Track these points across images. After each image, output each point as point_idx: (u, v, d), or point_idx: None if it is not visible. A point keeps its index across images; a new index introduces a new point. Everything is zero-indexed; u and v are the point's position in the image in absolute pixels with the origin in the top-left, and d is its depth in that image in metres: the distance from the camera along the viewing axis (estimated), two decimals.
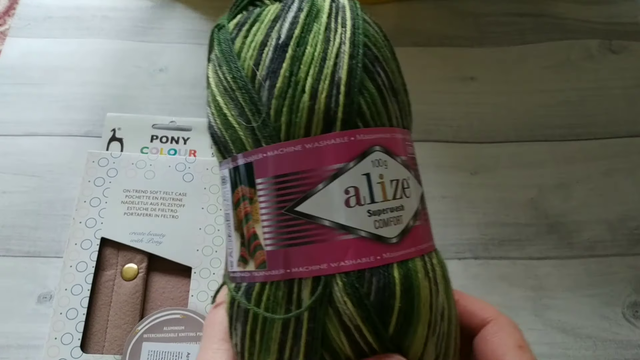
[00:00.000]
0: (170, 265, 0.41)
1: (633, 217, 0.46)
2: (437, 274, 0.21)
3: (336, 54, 0.20)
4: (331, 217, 0.20)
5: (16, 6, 0.55)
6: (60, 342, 0.37)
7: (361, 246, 0.19)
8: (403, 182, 0.21)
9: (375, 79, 0.21)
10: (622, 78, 0.53)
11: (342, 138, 0.20)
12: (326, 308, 0.19)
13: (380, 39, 0.22)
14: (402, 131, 0.22)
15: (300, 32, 0.21)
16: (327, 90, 0.20)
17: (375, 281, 0.19)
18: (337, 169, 0.20)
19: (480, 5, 0.58)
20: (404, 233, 0.20)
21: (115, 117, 0.47)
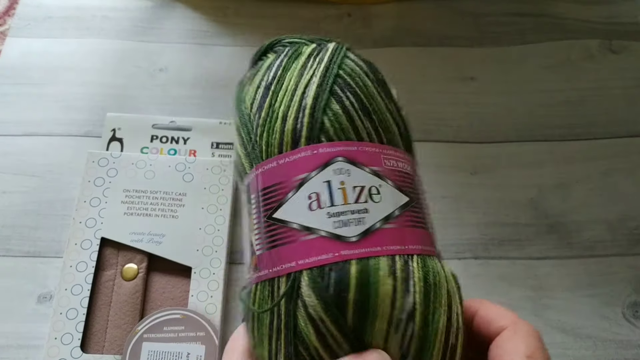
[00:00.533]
0: (170, 265, 0.41)
1: (633, 217, 0.46)
2: (414, 276, 0.22)
3: (306, 85, 0.25)
4: (298, 220, 0.23)
5: (16, 6, 0.55)
6: (60, 342, 0.37)
7: (322, 244, 0.22)
8: (371, 188, 0.23)
9: (342, 101, 0.25)
10: (622, 78, 0.53)
11: (306, 152, 0.24)
12: (296, 302, 0.22)
13: (360, 71, 0.26)
14: (378, 146, 0.25)
15: (281, 72, 0.26)
16: (295, 114, 0.24)
17: (333, 275, 0.22)
18: (302, 178, 0.23)
19: (480, 5, 0.58)
20: (366, 233, 0.22)
21: (115, 117, 0.47)
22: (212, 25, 0.55)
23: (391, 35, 0.56)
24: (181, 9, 0.56)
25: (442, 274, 0.23)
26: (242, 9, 0.56)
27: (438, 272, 0.23)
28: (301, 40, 0.28)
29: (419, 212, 0.25)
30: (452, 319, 0.23)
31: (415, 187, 0.25)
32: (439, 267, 0.24)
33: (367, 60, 0.28)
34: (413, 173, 0.26)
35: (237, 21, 0.56)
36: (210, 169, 0.44)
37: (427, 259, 0.23)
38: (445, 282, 0.23)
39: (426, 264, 0.23)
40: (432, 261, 0.24)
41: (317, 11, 0.56)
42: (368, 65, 0.27)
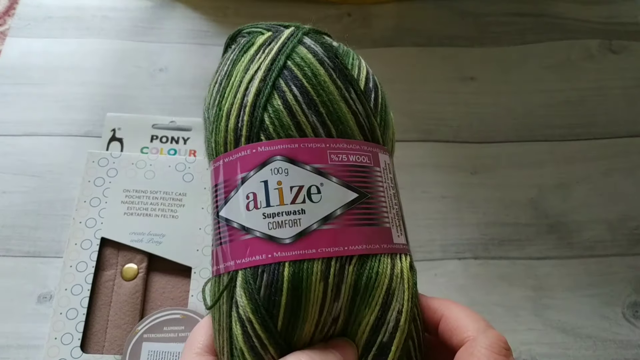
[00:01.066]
0: (170, 265, 0.41)
1: (633, 217, 0.46)
2: (346, 282, 0.22)
3: (249, 80, 0.24)
4: (237, 220, 0.23)
5: (16, 6, 0.55)
6: (60, 342, 0.37)
7: (257, 245, 0.22)
8: (310, 188, 0.23)
9: (285, 96, 0.24)
10: (622, 78, 0.53)
11: (246, 151, 0.23)
12: (231, 301, 0.22)
13: (313, 59, 0.25)
14: (325, 140, 0.24)
15: (231, 67, 0.25)
16: (237, 112, 0.24)
17: (265, 277, 0.22)
18: (242, 177, 0.23)
19: (480, 5, 0.58)
20: (300, 235, 0.22)
21: (115, 117, 0.47)
22: (212, 25, 0.55)
23: (391, 35, 0.56)
24: (181, 9, 0.56)
25: (385, 272, 0.23)
26: (242, 9, 0.56)
27: (377, 271, 0.22)
28: (258, 29, 0.27)
29: (370, 207, 0.24)
30: (388, 318, 0.22)
31: (371, 180, 0.24)
32: (383, 265, 0.23)
33: (328, 44, 0.26)
34: (373, 164, 0.25)
35: (237, 21, 0.56)
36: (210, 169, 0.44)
37: (370, 258, 0.23)
38: (387, 280, 0.22)
39: (364, 265, 0.22)
40: (375, 260, 0.23)
41: (317, 11, 0.56)
42: (326, 50, 0.25)
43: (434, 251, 0.44)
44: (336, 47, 0.26)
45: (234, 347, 0.22)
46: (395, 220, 0.25)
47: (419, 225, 0.45)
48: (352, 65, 0.26)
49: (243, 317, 0.22)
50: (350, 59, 0.26)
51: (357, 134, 0.25)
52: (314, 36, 0.26)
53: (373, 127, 0.25)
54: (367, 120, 0.25)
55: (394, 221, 0.25)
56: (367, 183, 0.24)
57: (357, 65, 0.26)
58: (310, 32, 0.27)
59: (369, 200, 0.24)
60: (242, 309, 0.22)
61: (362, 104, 0.25)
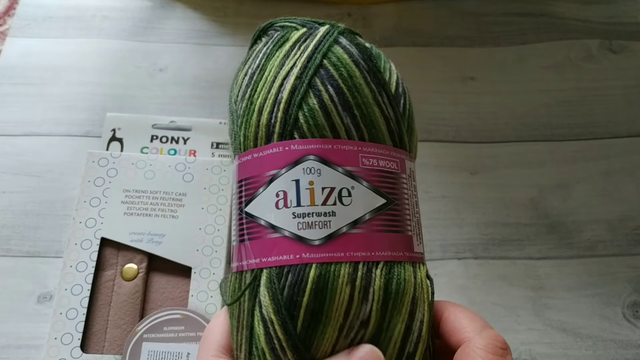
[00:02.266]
0: (170, 265, 0.41)
1: (633, 217, 0.46)
2: (375, 285, 0.22)
3: (284, 77, 0.24)
4: (265, 217, 0.23)
5: (16, 6, 0.55)
6: (60, 342, 0.37)
7: (284, 244, 0.22)
8: (341, 190, 0.22)
9: (321, 95, 0.23)
10: (622, 78, 0.53)
11: (278, 148, 0.23)
12: (254, 300, 0.22)
13: (348, 60, 0.24)
14: (357, 143, 0.23)
15: (264, 61, 0.25)
16: (270, 108, 0.23)
17: (290, 278, 0.21)
18: (272, 175, 0.23)
19: (480, 5, 0.58)
20: (330, 237, 0.22)
21: (115, 117, 0.47)
22: (212, 25, 0.55)
23: (391, 35, 0.56)
24: (181, 9, 0.56)
25: (410, 280, 0.22)
26: (242, 9, 0.56)
27: (405, 279, 0.22)
28: (292, 24, 0.27)
29: (396, 214, 0.24)
30: (413, 327, 0.22)
31: (397, 187, 0.24)
32: (408, 273, 0.23)
33: (362, 46, 0.26)
34: (400, 170, 0.25)
35: (237, 21, 0.56)
36: (210, 169, 0.44)
37: (395, 265, 0.22)
38: (412, 289, 0.22)
39: (392, 270, 0.22)
40: (401, 267, 0.23)
41: (317, 11, 0.56)
42: (361, 52, 0.25)
43: (434, 251, 0.44)
44: (370, 49, 0.26)
45: (254, 346, 0.22)
46: (416, 228, 0.25)
47: None
48: (384, 69, 0.26)
49: (266, 317, 0.22)
50: (382, 62, 0.26)
51: (387, 139, 0.24)
52: (348, 36, 0.26)
53: (402, 133, 0.25)
54: (397, 126, 0.25)
55: (415, 229, 0.25)
56: (394, 189, 0.24)
57: (389, 69, 0.26)
58: (345, 32, 0.26)
59: (395, 206, 0.24)
60: (265, 308, 0.22)
61: (393, 109, 0.25)
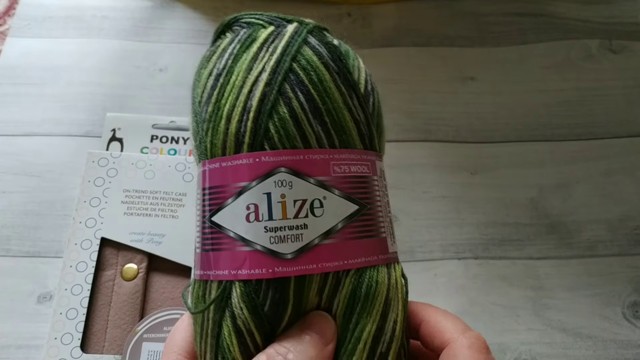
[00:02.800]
0: (170, 265, 0.41)
1: (633, 217, 0.46)
2: (340, 294, 0.22)
3: (253, 82, 0.23)
4: (234, 229, 0.22)
5: (16, 6, 0.55)
6: (60, 342, 0.37)
7: (256, 258, 0.22)
8: (313, 202, 0.22)
9: (291, 104, 0.23)
10: (622, 78, 0.53)
11: (248, 159, 0.22)
12: (224, 311, 0.22)
13: (318, 62, 0.23)
14: (328, 151, 0.23)
15: (231, 62, 0.24)
16: (239, 116, 0.23)
17: (271, 294, 0.21)
18: (242, 186, 0.22)
19: (480, 5, 0.58)
20: (302, 250, 0.22)
21: (115, 117, 0.47)
22: (212, 25, 0.55)
23: (391, 35, 0.55)
24: (181, 9, 0.56)
25: (383, 282, 0.22)
26: (242, 9, 0.56)
27: (377, 281, 0.22)
28: (259, 21, 0.26)
29: (369, 218, 0.23)
30: (386, 328, 0.22)
31: (370, 190, 0.24)
32: (382, 275, 0.23)
33: (332, 44, 0.25)
34: (371, 173, 0.24)
35: None
36: None
37: (367, 270, 0.22)
38: (385, 290, 0.22)
39: (363, 275, 0.22)
40: (374, 271, 0.23)
41: (317, 11, 0.56)
42: (330, 52, 0.24)
43: (434, 251, 0.44)
44: (339, 47, 0.25)
45: (222, 355, 0.22)
46: (389, 228, 0.25)
47: (419, 225, 0.45)
48: (353, 68, 0.25)
49: (242, 328, 0.22)
50: (351, 60, 0.25)
51: (358, 143, 0.24)
52: (317, 34, 0.25)
53: (372, 134, 0.25)
54: (367, 128, 0.25)
55: (388, 229, 0.25)
56: (366, 194, 0.24)
57: (357, 66, 0.26)
58: (314, 30, 0.25)
59: (368, 211, 0.23)
60: (243, 321, 0.22)
61: (363, 111, 0.24)
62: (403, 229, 0.44)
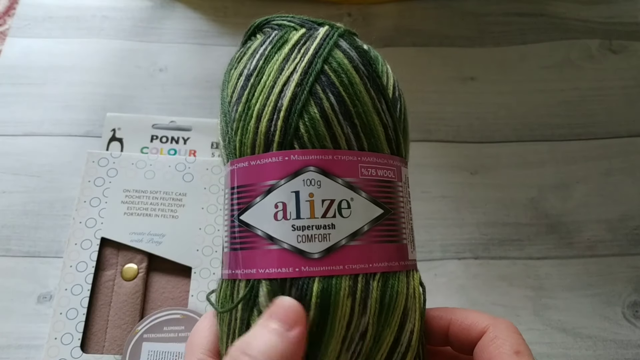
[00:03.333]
0: (170, 265, 0.41)
1: (633, 217, 0.46)
2: (372, 297, 0.22)
3: (284, 82, 0.23)
4: (262, 228, 0.22)
5: (16, 6, 0.55)
6: (60, 342, 0.37)
7: (283, 257, 0.22)
8: (341, 202, 0.22)
9: (322, 104, 0.23)
10: (622, 78, 0.53)
11: (277, 157, 0.22)
12: (252, 309, 0.22)
13: (349, 65, 0.24)
14: (357, 153, 0.23)
15: (262, 63, 0.24)
16: (269, 115, 0.23)
17: (294, 291, 0.21)
18: (271, 184, 0.22)
19: (480, 5, 0.58)
20: (329, 250, 0.22)
21: (115, 117, 0.47)
22: (212, 25, 0.55)
23: (391, 35, 0.55)
24: (181, 9, 0.56)
25: (402, 292, 0.23)
26: (242, 9, 0.56)
27: (397, 291, 0.22)
28: (290, 24, 0.26)
29: (393, 223, 0.23)
30: (402, 339, 0.22)
31: (394, 195, 0.24)
32: (401, 284, 0.23)
33: (362, 49, 0.25)
34: (396, 178, 0.25)
35: (237, 21, 0.56)
36: (210, 169, 0.44)
37: (390, 276, 0.22)
38: (403, 300, 0.22)
39: (386, 282, 0.22)
40: (395, 279, 0.23)
41: (317, 11, 0.56)
42: (361, 56, 0.25)
43: (434, 251, 0.44)
44: (368, 52, 0.26)
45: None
46: (410, 236, 0.25)
47: (419, 225, 0.45)
48: (382, 73, 0.25)
49: None
50: (380, 65, 0.26)
51: (385, 147, 0.24)
52: (348, 38, 0.25)
53: (399, 140, 0.25)
54: (394, 133, 0.25)
55: (409, 237, 0.25)
56: (391, 199, 0.24)
57: (386, 72, 0.26)
58: (345, 34, 0.26)
59: (392, 216, 0.23)
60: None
61: (392, 116, 0.25)
62: None
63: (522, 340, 0.22)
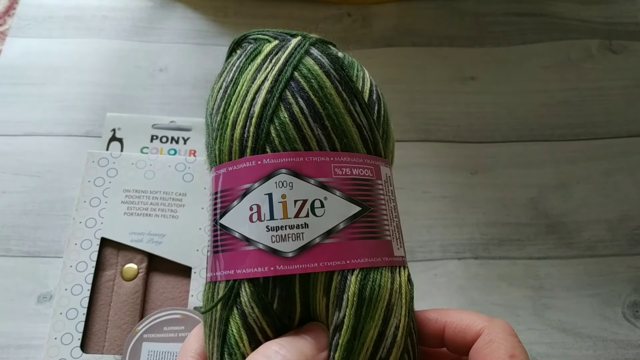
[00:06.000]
0: (170, 265, 0.41)
1: (633, 217, 0.46)
2: (349, 291, 0.22)
3: (256, 90, 0.24)
4: (239, 230, 0.23)
5: (16, 6, 0.55)
6: (60, 342, 0.37)
7: (259, 257, 0.22)
8: (314, 202, 0.23)
9: (291, 109, 0.24)
10: (622, 78, 0.53)
11: (251, 162, 0.23)
12: (231, 309, 0.23)
13: (319, 71, 0.25)
14: (329, 154, 0.24)
15: (237, 75, 0.25)
16: (243, 122, 0.24)
17: (278, 292, 0.22)
18: (246, 188, 0.23)
19: (480, 5, 0.58)
20: (303, 249, 0.22)
21: (115, 117, 0.47)
22: (212, 25, 0.55)
23: (391, 35, 0.55)
24: (181, 9, 0.56)
25: (386, 286, 0.23)
26: (242, 9, 0.56)
27: (380, 285, 0.23)
28: (264, 37, 0.27)
29: (373, 220, 0.24)
30: (387, 333, 0.22)
31: (373, 193, 0.24)
32: (385, 279, 0.23)
33: (334, 56, 0.26)
34: (375, 177, 0.25)
35: (237, 21, 0.56)
36: None
37: (372, 271, 0.23)
38: (387, 295, 0.23)
39: (367, 277, 0.23)
40: (377, 273, 0.23)
41: (317, 11, 0.56)
42: (333, 62, 0.26)
43: (434, 251, 0.44)
44: (342, 59, 0.26)
45: (228, 352, 0.23)
46: (396, 232, 0.25)
47: (419, 225, 0.45)
48: (357, 77, 0.26)
49: (254, 326, 0.22)
50: (355, 70, 0.26)
51: (360, 147, 0.25)
52: (320, 46, 0.26)
53: (376, 140, 0.26)
54: (370, 133, 0.25)
55: (394, 234, 0.25)
56: (369, 196, 0.24)
57: (362, 77, 0.27)
58: (317, 43, 0.26)
59: (371, 213, 0.24)
60: (254, 319, 0.22)
61: (366, 117, 0.25)
62: (403, 229, 0.44)
63: (518, 343, 0.22)
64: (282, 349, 0.21)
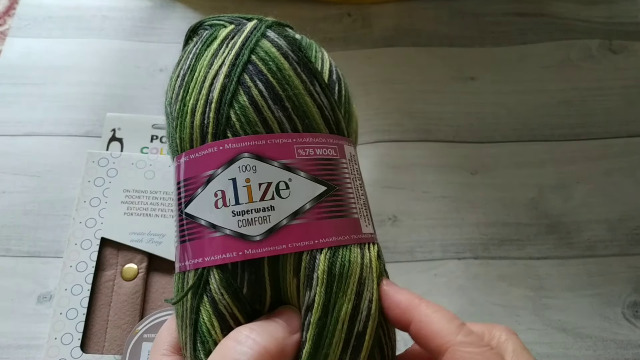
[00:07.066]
0: (170, 265, 0.41)
1: (633, 217, 0.46)
2: (319, 269, 0.22)
3: (214, 76, 0.24)
4: (205, 217, 0.23)
5: (16, 6, 0.55)
6: (60, 342, 0.37)
7: (227, 243, 0.22)
8: (279, 184, 0.23)
9: (250, 92, 0.24)
10: (622, 78, 0.53)
11: (213, 148, 0.23)
12: (201, 297, 0.22)
13: (277, 53, 0.25)
14: (291, 135, 0.24)
15: (194, 62, 0.25)
16: (202, 108, 0.24)
17: (247, 276, 0.22)
18: (209, 175, 0.23)
19: (480, 5, 0.58)
20: (270, 232, 0.22)
21: (115, 117, 0.47)
22: None
23: (391, 35, 0.55)
24: (181, 9, 0.56)
25: (356, 261, 0.23)
26: (242, 9, 0.56)
27: (350, 260, 0.23)
28: (220, 22, 0.27)
29: (339, 199, 0.24)
30: (361, 307, 0.22)
31: (338, 172, 0.24)
32: (354, 254, 0.23)
33: (292, 37, 0.26)
34: (339, 156, 0.25)
35: None
36: None
37: (341, 249, 0.23)
38: (358, 269, 0.23)
39: (336, 254, 0.23)
40: (346, 250, 0.23)
41: (317, 11, 0.56)
42: (290, 44, 0.25)
43: (434, 251, 0.44)
44: (299, 40, 0.26)
45: (200, 340, 0.22)
46: (363, 210, 0.25)
47: (419, 225, 0.45)
48: (315, 58, 0.26)
49: (225, 312, 0.22)
50: (314, 51, 0.26)
51: (322, 127, 0.25)
52: (277, 29, 0.26)
53: (338, 119, 0.26)
54: (332, 113, 0.25)
55: (362, 211, 0.25)
56: (334, 175, 0.24)
57: (321, 57, 0.27)
58: (273, 25, 0.26)
59: (337, 192, 0.24)
60: (224, 306, 0.22)
61: (327, 97, 0.25)
62: (403, 229, 0.45)
63: None
64: (252, 332, 0.21)
